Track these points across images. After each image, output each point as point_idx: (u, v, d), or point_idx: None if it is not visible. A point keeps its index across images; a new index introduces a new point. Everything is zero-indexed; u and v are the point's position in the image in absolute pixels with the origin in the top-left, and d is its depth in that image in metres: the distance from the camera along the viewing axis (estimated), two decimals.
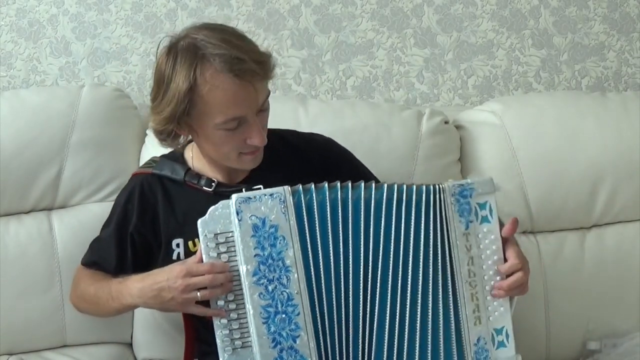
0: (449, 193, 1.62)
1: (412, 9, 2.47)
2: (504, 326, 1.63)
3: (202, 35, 1.63)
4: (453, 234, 1.62)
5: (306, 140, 1.89)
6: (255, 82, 1.62)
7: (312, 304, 1.57)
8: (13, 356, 2.06)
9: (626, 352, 2.09)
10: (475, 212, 1.62)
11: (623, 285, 2.19)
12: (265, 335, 1.55)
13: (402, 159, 2.16)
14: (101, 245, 1.87)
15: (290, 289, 1.56)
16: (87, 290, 1.84)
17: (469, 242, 1.62)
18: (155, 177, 1.81)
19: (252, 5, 2.42)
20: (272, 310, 1.56)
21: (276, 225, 1.56)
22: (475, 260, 1.62)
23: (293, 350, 1.56)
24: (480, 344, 1.62)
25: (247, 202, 1.56)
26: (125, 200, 1.83)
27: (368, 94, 2.47)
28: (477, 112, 2.31)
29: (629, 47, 2.55)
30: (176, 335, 2.07)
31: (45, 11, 2.36)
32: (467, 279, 1.62)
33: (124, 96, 2.23)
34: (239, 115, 1.63)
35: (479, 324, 1.62)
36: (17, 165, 2.08)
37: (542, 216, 2.21)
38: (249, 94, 1.62)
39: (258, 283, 1.56)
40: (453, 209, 1.61)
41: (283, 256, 1.56)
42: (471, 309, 1.62)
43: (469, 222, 1.62)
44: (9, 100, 2.15)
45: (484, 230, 1.63)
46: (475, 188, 1.63)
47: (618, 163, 2.20)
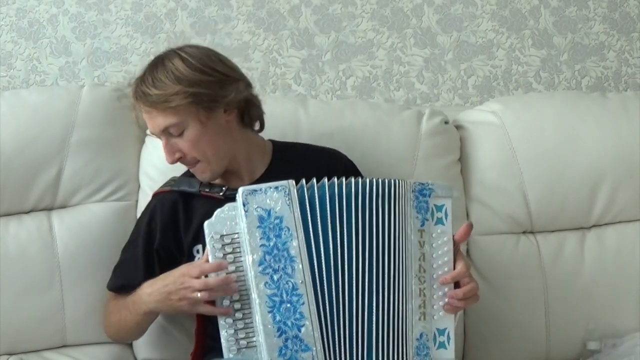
0: (410, 189, 1.68)
1: (412, 9, 2.47)
2: (447, 328, 1.67)
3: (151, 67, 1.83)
4: (409, 228, 1.67)
5: (315, 152, 1.97)
6: (144, 111, 1.81)
7: (316, 294, 1.61)
8: (13, 356, 2.06)
9: (626, 352, 2.09)
10: (432, 212, 1.69)
11: (623, 285, 2.19)
12: (271, 325, 1.58)
13: (402, 159, 2.15)
14: (127, 267, 1.92)
15: (295, 278, 1.60)
16: (112, 312, 1.90)
17: (422, 239, 1.67)
18: (174, 194, 1.90)
19: (252, 5, 2.42)
20: (278, 299, 1.59)
21: (281, 217, 1.61)
22: (427, 258, 1.67)
23: (298, 339, 1.58)
24: (422, 340, 1.64)
25: (253, 194, 1.61)
26: (149, 220, 1.91)
27: (368, 94, 2.47)
28: (477, 112, 2.31)
29: (629, 47, 2.55)
30: (176, 335, 2.07)
31: (45, 11, 2.36)
32: (417, 274, 1.66)
33: (124, 96, 2.23)
34: (150, 132, 1.85)
35: (423, 320, 1.65)
36: (17, 165, 2.07)
37: (542, 216, 2.21)
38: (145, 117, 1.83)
39: (264, 272, 1.59)
40: (412, 204, 1.67)
41: (288, 247, 1.61)
42: (417, 304, 1.65)
43: (425, 219, 1.68)
44: (9, 100, 2.14)
45: (438, 231, 1.69)
46: (435, 189, 1.70)
47: (618, 163, 2.20)
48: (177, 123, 1.78)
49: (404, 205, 1.68)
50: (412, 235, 1.67)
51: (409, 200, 1.68)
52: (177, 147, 1.81)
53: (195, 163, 1.84)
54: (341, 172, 1.82)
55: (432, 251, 1.68)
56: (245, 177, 1.90)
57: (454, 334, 1.69)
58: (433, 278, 1.67)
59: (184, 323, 2.04)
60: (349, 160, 2.00)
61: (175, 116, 1.78)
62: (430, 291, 1.66)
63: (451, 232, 1.70)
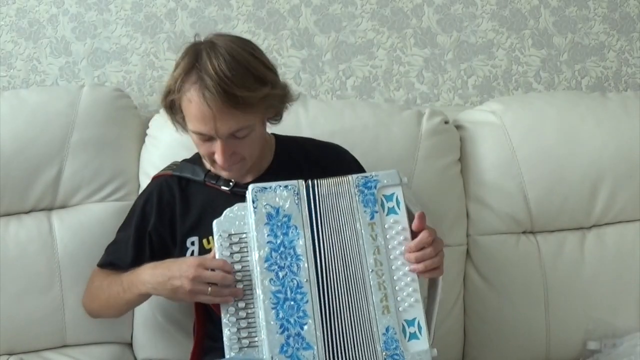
0: (353, 184, 1.67)
1: (412, 9, 2.47)
2: (416, 318, 1.64)
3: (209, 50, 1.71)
4: (358, 224, 1.66)
5: (321, 148, 1.96)
6: (218, 111, 1.67)
7: (320, 293, 1.61)
8: (13, 356, 2.06)
9: (626, 352, 2.09)
10: (382, 203, 1.67)
11: (623, 285, 2.19)
12: (274, 321, 1.58)
13: (402, 158, 2.15)
14: (118, 246, 1.92)
15: (300, 277, 1.60)
16: (100, 288, 1.88)
17: (374, 232, 1.66)
18: (174, 179, 1.88)
19: (252, 5, 2.42)
20: (282, 296, 1.59)
21: (289, 215, 1.63)
22: (382, 250, 1.66)
23: (300, 337, 1.58)
24: (390, 334, 1.62)
25: (263, 191, 1.63)
26: (144, 202, 1.90)
27: (368, 94, 2.47)
28: (477, 112, 2.31)
29: (629, 47, 2.55)
30: (176, 335, 2.07)
31: (45, 11, 2.36)
32: (373, 268, 1.65)
33: (124, 96, 2.23)
34: (203, 132, 1.72)
35: (387, 313, 1.63)
36: (17, 165, 2.08)
37: (542, 216, 2.21)
38: (211, 118, 1.69)
39: (269, 269, 1.60)
40: (357, 199, 1.67)
41: (294, 245, 1.62)
42: (379, 298, 1.64)
43: (374, 212, 1.66)
44: (9, 100, 2.14)
45: (391, 221, 1.67)
46: (380, 179, 1.68)
47: (618, 163, 2.20)
48: (249, 126, 1.73)
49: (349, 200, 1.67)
50: (363, 230, 1.66)
51: (353, 195, 1.67)
52: (232, 149, 1.74)
53: (237, 163, 1.78)
54: (346, 168, 1.83)
55: (387, 242, 1.66)
56: (252, 171, 1.87)
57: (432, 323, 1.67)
58: (392, 269, 1.65)
59: (184, 323, 2.04)
60: (352, 156, 1.98)
61: (249, 119, 1.72)
62: (391, 283, 1.64)
63: (406, 220, 1.68)
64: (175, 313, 2.07)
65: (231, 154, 1.74)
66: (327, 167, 1.86)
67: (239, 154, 1.77)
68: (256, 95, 1.69)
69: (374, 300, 1.63)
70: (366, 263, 1.65)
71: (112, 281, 1.84)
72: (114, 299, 1.84)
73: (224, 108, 1.67)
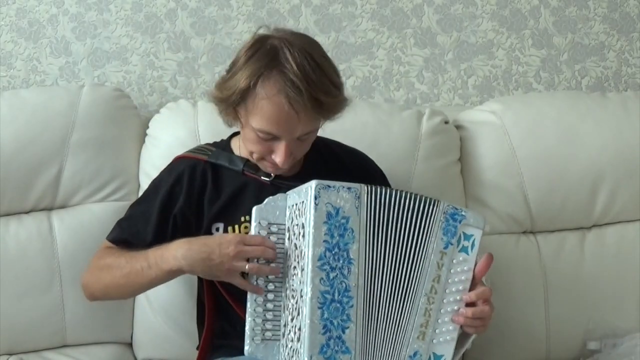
0: (442, 210, 1.66)
1: (412, 9, 2.47)
2: (444, 355, 1.65)
3: (290, 49, 1.68)
4: (430, 247, 1.65)
5: (348, 153, 1.96)
6: (303, 115, 1.67)
7: (365, 299, 1.60)
8: (13, 356, 2.06)
9: (626, 352, 2.09)
10: (459, 238, 1.67)
11: (623, 285, 2.19)
12: (318, 320, 1.57)
13: (402, 158, 2.16)
14: (134, 222, 1.85)
15: (349, 280, 1.59)
16: (113, 266, 1.77)
17: (442, 261, 1.65)
18: (208, 165, 1.85)
19: (252, 5, 2.41)
20: (329, 297, 1.58)
21: (348, 217, 1.61)
22: (442, 280, 1.65)
23: (340, 340, 1.58)
24: (416, 359, 1.63)
25: (327, 189, 1.60)
26: (174, 182, 1.84)
27: (368, 94, 2.47)
28: (477, 112, 2.31)
29: (629, 47, 2.55)
30: (176, 335, 2.07)
31: (45, 11, 2.36)
32: (427, 293, 1.64)
33: (124, 96, 2.23)
34: (275, 133, 1.69)
35: (422, 340, 1.63)
36: (17, 165, 2.07)
37: (542, 216, 2.21)
38: (291, 121, 1.67)
39: (321, 268, 1.59)
40: (439, 225, 1.66)
41: (349, 248, 1.60)
42: (420, 322, 1.64)
43: (449, 243, 1.66)
44: (9, 100, 2.14)
45: (460, 258, 1.67)
46: (467, 217, 1.67)
47: (618, 163, 2.20)
48: (316, 129, 1.75)
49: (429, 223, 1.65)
50: (433, 254, 1.65)
51: (438, 220, 1.66)
52: (293, 149, 1.74)
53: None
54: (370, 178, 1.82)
55: (449, 276, 1.66)
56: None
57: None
58: (443, 302, 1.65)
59: (185, 323, 2.04)
60: (379, 168, 1.98)
61: (317, 122, 1.74)
62: (436, 314, 1.64)
63: (473, 264, 1.68)
64: (175, 313, 2.07)
65: (290, 154, 1.74)
66: (353, 172, 1.86)
67: (295, 155, 1.77)
68: (335, 101, 1.71)
69: (414, 322, 1.63)
70: (423, 285, 1.64)
71: (133, 257, 1.74)
72: (134, 275, 1.73)
73: (308, 112, 1.67)
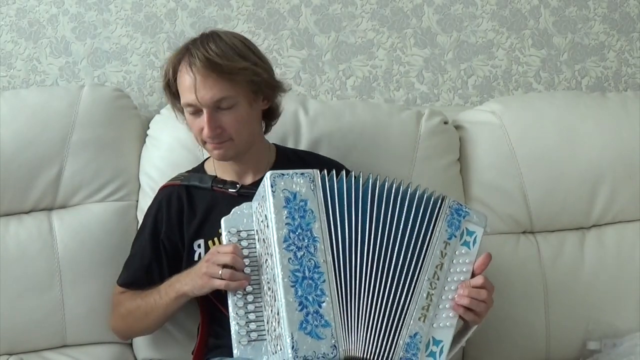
0: (447, 204, 1.74)
1: (412, 9, 2.47)
2: (443, 341, 1.68)
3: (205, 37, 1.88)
4: (435, 236, 1.71)
5: (321, 162, 2.00)
6: (201, 78, 1.82)
7: (336, 273, 1.64)
8: (13, 356, 2.06)
9: (626, 352, 2.09)
10: (462, 232, 1.74)
11: (623, 285, 2.19)
12: (293, 298, 1.60)
13: (401, 159, 2.16)
14: (135, 261, 1.97)
15: (317, 257, 1.64)
16: (134, 305, 1.91)
17: (445, 250, 1.72)
18: (182, 188, 1.97)
19: (252, 5, 2.42)
20: (300, 275, 1.62)
21: (306, 200, 1.67)
22: (444, 268, 1.71)
23: (318, 314, 1.60)
24: (415, 340, 1.65)
25: (281, 177, 1.68)
26: (156, 211, 1.97)
27: (368, 94, 2.47)
28: (476, 112, 2.31)
29: (629, 47, 2.55)
30: (176, 335, 2.07)
31: (45, 11, 2.36)
32: (430, 278, 1.69)
33: (124, 96, 2.23)
34: (190, 102, 1.84)
35: (422, 322, 1.67)
36: (17, 165, 2.08)
37: (542, 216, 2.21)
38: (199, 86, 1.82)
39: (288, 249, 1.63)
40: (445, 217, 1.73)
41: (311, 227, 1.66)
42: (421, 305, 1.67)
43: (453, 235, 1.73)
44: (9, 100, 2.15)
45: (462, 251, 1.73)
46: (470, 214, 1.76)
47: (617, 163, 2.20)
48: (232, 97, 1.84)
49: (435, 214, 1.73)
50: (437, 242, 1.71)
51: (444, 213, 1.73)
52: (219, 122, 1.84)
53: (225, 141, 1.87)
54: None
55: (451, 267, 1.71)
56: (251, 175, 1.96)
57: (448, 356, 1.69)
58: (444, 289, 1.70)
59: (185, 323, 2.04)
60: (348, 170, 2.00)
61: (232, 90, 1.84)
62: (437, 299, 1.68)
63: (474, 259, 1.73)
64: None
65: (217, 127, 1.84)
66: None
67: (226, 131, 1.85)
68: (235, 65, 1.83)
69: (417, 304, 1.67)
70: (426, 270, 1.69)
71: (147, 294, 1.88)
72: (151, 309, 1.87)
73: (206, 74, 1.81)
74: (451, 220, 1.73)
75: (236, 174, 1.96)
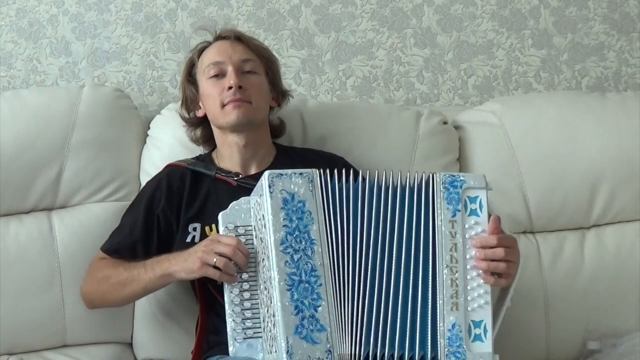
0: (440, 181, 1.69)
1: (412, 9, 2.47)
2: (483, 320, 1.65)
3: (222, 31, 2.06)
4: (439, 219, 1.67)
5: (315, 154, 2.05)
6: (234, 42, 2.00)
7: (333, 277, 1.63)
8: (13, 356, 2.06)
9: (626, 352, 2.09)
10: (465, 203, 1.68)
11: (623, 285, 2.19)
12: (289, 302, 1.59)
13: (400, 159, 2.15)
14: (124, 231, 1.98)
15: (314, 260, 1.62)
16: (114, 272, 1.89)
17: (454, 230, 1.67)
18: (188, 170, 2.00)
19: (252, 5, 2.42)
20: (297, 278, 1.61)
21: (304, 201, 1.65)
22: (459, 248, 1.66)
23: (314, 319, 1.59)
24: (455, 331, 1.63)
25: (279, 177, 1.66)
26: (155, 187, 1.99)
27: (368, 94, 2.47)
28: (476, 112, 2.31)
29: (629, 47, 2.55)
30: (176, 335, 2.07)
31: (45, 11, 2.36)
32: (448, 264, 1.65)
33: (124, 96, 2.23)
34: (218, 59, 1.97)
35: (456, 310, 1.64)
36: (17, 166, 2.08)
37: (542, 216, 2.21)
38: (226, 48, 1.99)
39: (285, 252, 1.62)
40: (442, 195, 1.68)
41: (309, 229, 1.64)
42: (449, 294, 1.64)
43: (456, 210, 1.68)
44: (9, 100, 2.15)
45: (472, 222, 1.68)
46: (466, 180, 1.69)
47: (617, 163, 2.20)
48: (256, 62, 2.00)
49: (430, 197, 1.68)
50: (443, 226, 1.67)
51: (439, 192, 1.68)
52: (243, 81, 1.95)
53: (246, 102, 1.94)
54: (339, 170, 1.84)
55: (465, 242, 1.67)
56: (254, 167, 1.99)
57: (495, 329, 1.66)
58: (467, 269, 1.66)
59: (185, 322, 2.04)
60: (346, 162, 2.03)
61: (255, 58, 2.01)
62: (463, 282, 1.65)
63: (486, 223, 1.69)
64: (175, 312, 2.07)
65: (241, 86, 1.93)
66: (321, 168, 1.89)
67: (248, 91, 1.94)
68: (259, 44, 2.06)
69: (444, 295, 1.64)
70: (441, 259, 1.66)
71: (131, 265, 1.87)
72: (131, 280, 1.85)
73: (236, 41, 2.01)
74: (449, 196, 1.68)
75: (241, 164, 1.98)
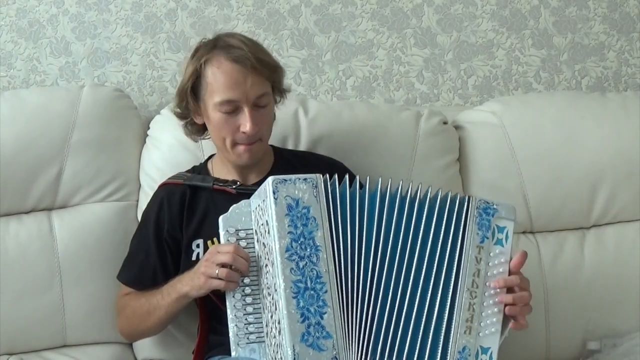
0: (474, 205, 1.70)
1: (412, 9, 2.47)
2: (491, 348, 1.67)
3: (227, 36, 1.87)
4: (467, 242, 1.68)
5: (314, 158, 2.02)
6: (250, 72, 1.81)
7: (338, 284, 1.62)
8: (13, 356, 2.06)
9: (626, 352, 2.09)
10: (493, 231, 1.70)
11: (623, 285, 2.19)
12: (295, 310, 1.58)
13: (400, 159, 2.16)
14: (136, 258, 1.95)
15: (319, 267, 1.61)
16: (138, 304, 1.90)
17: (480, 255, 1.68)
18: (185, 187, 1.94)
19: (252, 5, 2.42)
20: (302, 286, 1.60)
21: (308, 207, 1.63)
22: (481, 274, 1.68)
23: (320, 326, 1.59)
24: (464, 354, 1.64)
25: (284, 183, 1.64)
26: (158, 209, 1.95)
27: (368, 94, 2.47)
28: (476, 112, 2.31)
29: (629, 47, 2.55)
30: (176, 335, 2.07)
31: (45, 11, 2.36)
32: (469, 288, 1.66)
33: (124, 96, 2.23)
34: (233, 98, 1.81)
35: (468, 334, 1.65)
36: (17, 166, 2.08)
37: (542, 216, 2.21)
38: (242, 80, 1.81)
39: (290, 259, 1.61)
40: (474, 220, 1.69)
41: (314, 236, 1.62)
42: (465, 317, 1.65)
43: (485, 237, 1.69)
44: (9, 100, 2.14)
45: (496, 251, 1.70)
46: (499, 210, 1.71)
47: (617, 163, 2.21)
48: (270, 94, 1.87)
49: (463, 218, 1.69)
50: (470, 249, 1.68)
51: (472, 216, 1.69)
52: (257, 120, 1.83)
53: (256, 142, 1.87)
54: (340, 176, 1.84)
55: (488, 270, 1.69)
56: (253, 176, 1.94)
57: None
58: (485, 296, 1.67)
59: (185, 323, 2.04)
60: (346, 167, 2.01)
61: (269, 87, 1.86)
62: (480, 308, 1.67)
63: (509, 255, 1.71)
64: None
65: (256, 124, 1.82)
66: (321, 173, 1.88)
67: (260, 130, 1.85)
68: (274, 61, 1.89)
69: (460, 317, 1.65)
70: (464, 280, 1.66)
71: (151, 294, 1.87)
72: (153, 309, 1.85)
73: (255, 69, 1.81)
74: (481, 222, 1.69)
75: (240, 174, 1.94)
